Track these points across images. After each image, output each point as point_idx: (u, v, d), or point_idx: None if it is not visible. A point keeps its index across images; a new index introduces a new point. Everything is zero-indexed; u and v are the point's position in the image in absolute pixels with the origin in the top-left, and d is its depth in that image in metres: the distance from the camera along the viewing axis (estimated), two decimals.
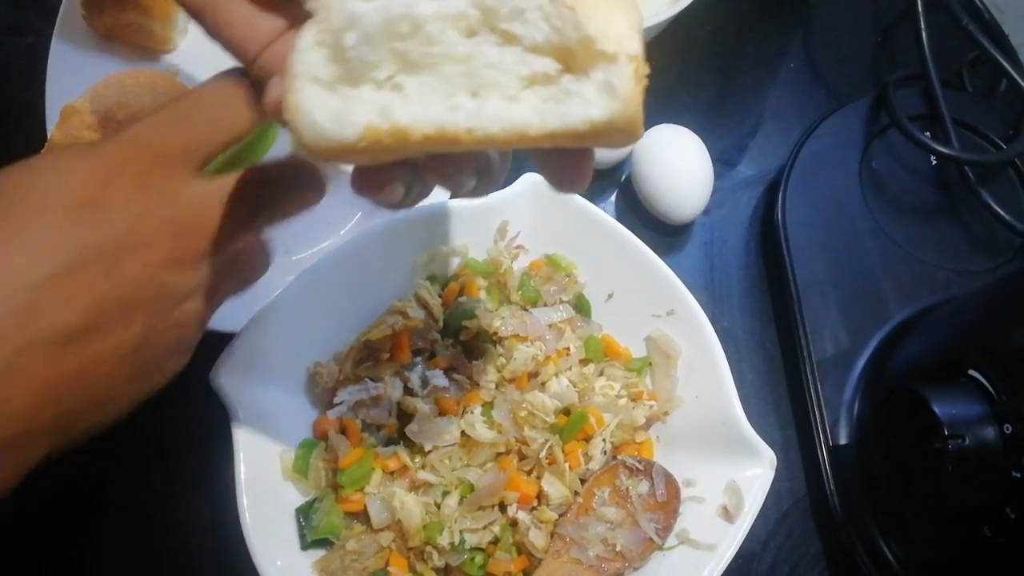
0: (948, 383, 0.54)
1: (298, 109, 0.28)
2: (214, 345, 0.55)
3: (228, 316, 0.62)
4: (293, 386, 0.59)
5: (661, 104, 0.78)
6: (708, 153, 0.72)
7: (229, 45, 0.38)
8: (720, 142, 0.77)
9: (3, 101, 0.76)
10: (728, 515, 0.55)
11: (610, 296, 0.64)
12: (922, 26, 0.73)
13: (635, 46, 0.27)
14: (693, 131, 0.72)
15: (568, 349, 0.62)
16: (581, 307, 0.64)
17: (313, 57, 0.28)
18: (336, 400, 0.58)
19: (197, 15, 0.38)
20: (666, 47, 0.82)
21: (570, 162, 0.33)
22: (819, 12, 0.88)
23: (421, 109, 0.28)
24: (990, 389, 0.52)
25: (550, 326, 0.61)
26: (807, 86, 0.84)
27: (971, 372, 0.53)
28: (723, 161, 0.78)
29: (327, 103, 0.28)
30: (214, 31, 0.38)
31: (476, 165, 0.36)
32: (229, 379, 0.54)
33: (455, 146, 0.28)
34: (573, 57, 0.28)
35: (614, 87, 0.26)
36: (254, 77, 0.38)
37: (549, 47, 0.28)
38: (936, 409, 0.51)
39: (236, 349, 0.55)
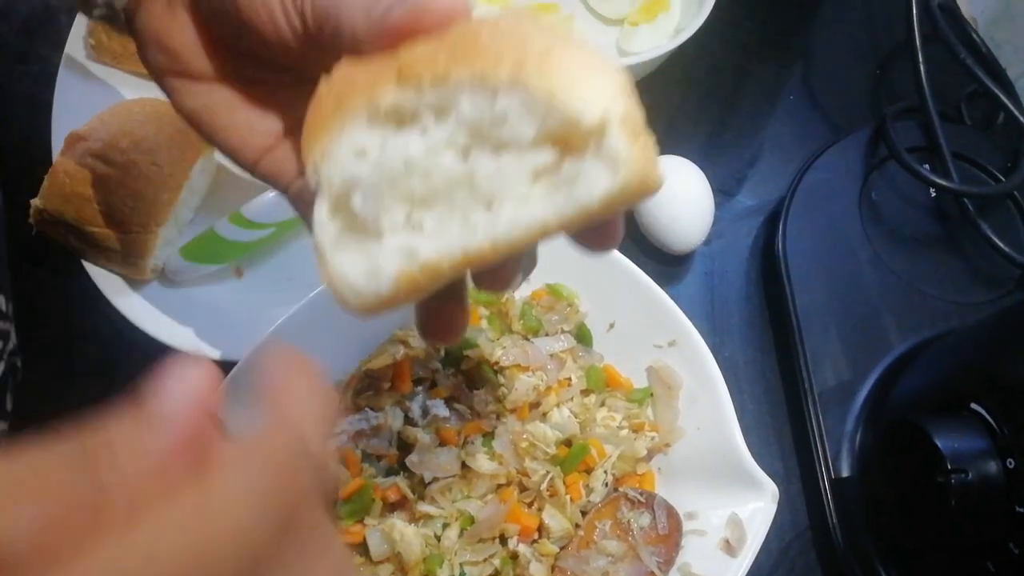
0: (950, 416, 0.53)
1: (333, 277, 0.29)
2: None
3: (228, 344, 0.62)
4: None
5: (662, 135, 0.78)
6: (709, 184, 0.72)
7: (227, 151, 0.38)
8: (720, 173, 0.78)
9: (10, 128, 0.76)
10: (730, 548, 0.55)
11: (611, 326, 0.64)
12: (920, 59, 0.74)
13: (620, 106, 0.26)
14: (693, 162, 0.73)
15: (569, 379, 0.61)
16: (582, 337, 0.64)
17: (331, 227, 0.29)
18: (336, 430, 0.58)
19: (194, 122, 0.38)
20: (667, 79, 0.83)
21: (599, 227, 0.32)
22: (818, 45, 0.89)
23: (441, 241, 0.28)
24: (992, 423, 0.52)
25: (551, 356, 0.61)
26: (807, 118, 0.85)
27: (973, 406, 0.53)
28: (723, 191, 0.79)
29: (357, 264, 0.28)
30: (211, 138, 0.38)
31: (521, 263, 0.35)
32: (230, 408, 0.53)
33: (488, 262, 0.28)
34: (568, 137, 0.27)
35: (614, 156, 0.26)
36: (259, 178, 0.38)
37: (542, 137, 0.27)
38: (938, 443, 0.51)
39: (236, 378, 0.55)
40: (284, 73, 0.37)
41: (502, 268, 0.34)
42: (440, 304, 0.36)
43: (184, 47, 0.37)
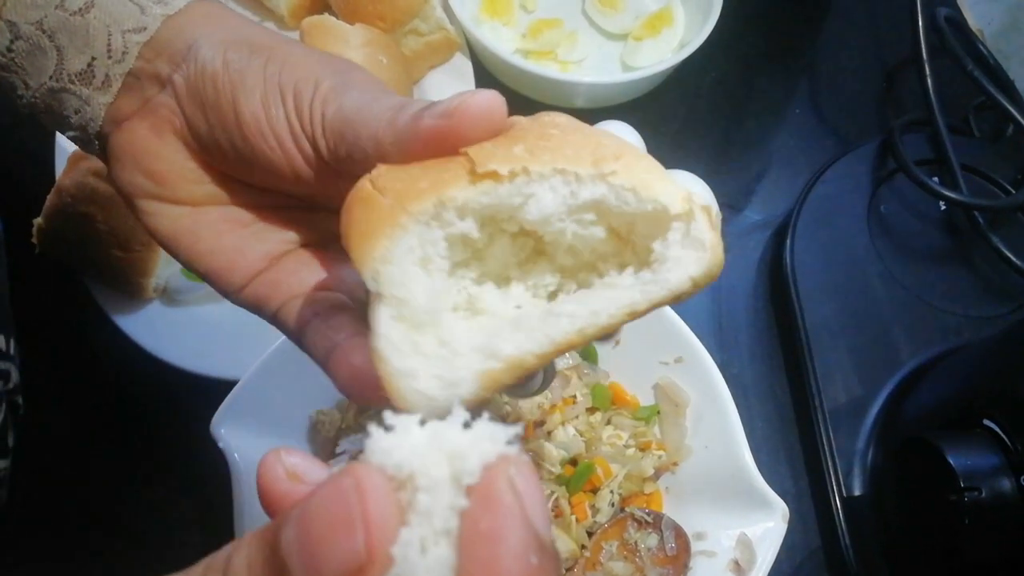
0: (962, 433, 0.52)
1: (404, 390, 0.26)
2: (215, 393, 0.55)
3: (230, 363, 0.61)
4: (294, 435, 0.58)
5: (668, 150, 0.78)
6: (715, 198, 0.71)
7: (209, 275, 0.35)
8: (727, 187, 0.77)
9: (14, 147, 0.76)
10: (740, 570, 0.54)
11: (617, 343, 0.63)
12: (927, 72, 0.74)
13: (700, 198, 0.28)
14: (700, 176, 0.72)
15: (575, 397, 0.61)
16: (588, 354, 0.63)
17: (395, 333, 0.27)
18: (338, 449, 0.57)
19: (170, 246, 0.35)
20: (672, 93, 0.82)
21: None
22: (825, 58, 0.89)
23: (524, 335, 0.27)
24: (1006, 440, 0.51)
25: (556, 373, 0.61)
26: (813, 131, 0.84)
27: (986, 422, 0.52)
28: (730, 206, 0.78)
29: (428, 371, 0.26)
30: (191, 262, 0.35)
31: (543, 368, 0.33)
32: (230, 428, 0.53)
33: (571, 349, 0.27)
34: (629, 235, 0.28)
35: (700, 240, 0.27)
36: (242, 305, 0.35)
37: (612, 233, 0.28)
38: (951, 460, 0.50)
39: (237, 397, 0.54)
40: (280, 196, 0.35)
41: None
42: None
43: (172, 172, 0.34)
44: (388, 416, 0.23)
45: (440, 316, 0.27)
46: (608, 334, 0.28)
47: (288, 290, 0.34)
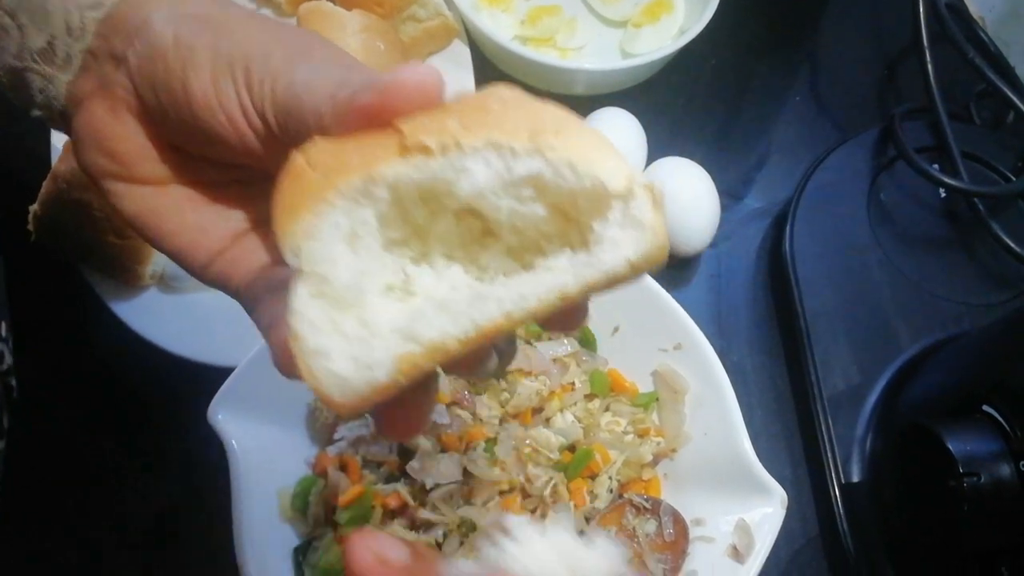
0: (962, 419, 0.52)
1: (316, 372, 0.25)
2: (213, 380, 0.55)
3: (227, 350, 0.61)
4: (292, 421, 0.58)
5: (667, 137, 0.78)
6: (714, 186, 0.71)
7: (174, 254, 0.35)
8: (726, 175, 0.77)
9: (11, 135, 0.76)
10: (738, 555, 0.54)
11: (616, 330, 0.63)
12: (928, 59, 0.73)
13: (642, 176, 0.26)
14: (699, 164, 0.72)
15: (573, 384, 0.61)
16: (586, 341, 0.63)
17: (313, 311, 0.26)
18: (336, 436, 0.57)
19: (137, 226, 0.35)
20: (672, 80, 0.82)
21: (567, 311, 0.30)
22: (825, 45, 0.88)
23: (449, 316, 0.26)
24: (1005, 425, 0.50)
25: (555, 360, 0.60)
26: (813, 119, 0.84)
27: (985, 408, 0.52)
28: (730, 194, 0.78)
29: (344, 351, 0.25)
30: (156, 242, 0.35)
31: (496, 346, 0.32)
32: (227, 415, 0.53)
33: (497, 336, 0.26)
34: (574, 214, 0.27)
35: (639, 220, 0.26)
36: (207, 283, 0.35)
37: (553, 210, 0.27)
38: (950, 446, 0.50)
39: (235, 384, 0.54)
40: (239, 170, 0.34)
41: (476, 353, 0.30)
42: (404, 396, 0.30)
43: (130, 152, 0.34)
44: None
45: (364, 296, 0.26)
46: (546, 318, 0.27)
47: (247, 268, 0.34)
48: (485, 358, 0.32)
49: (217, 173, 0.35)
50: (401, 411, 0.31)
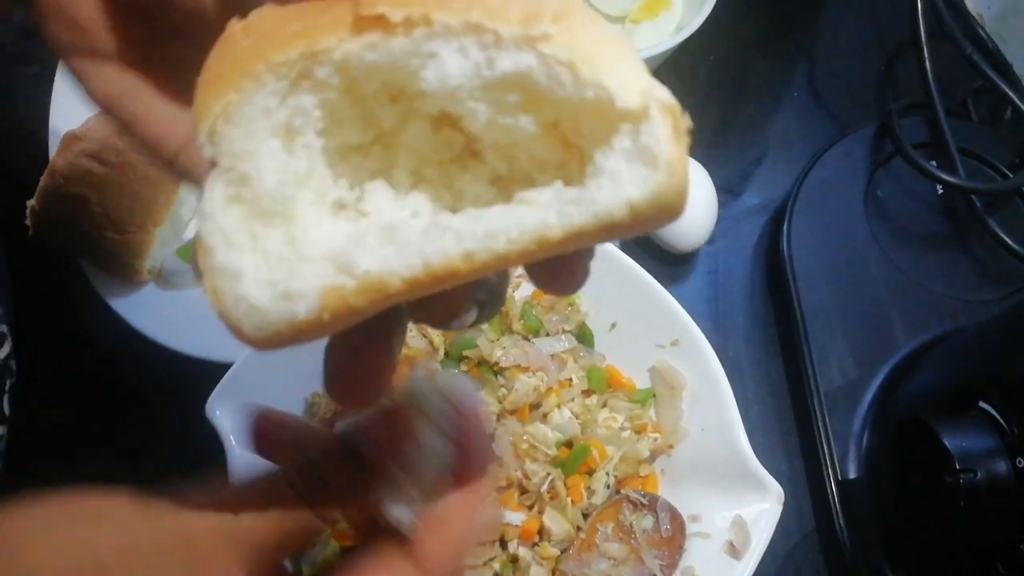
0: (958, 415, 0.52)
1: (224, 294, 0.20)
2: (211, 375, 0.55)
3: (225, 346, 0.61)
4: None
5: None
6: (712, 182, 0.71)
7: (146, 143, 0.33)
8: (724, 171, 0.77)
9: (8, 128, 0.76)
10: (735, 551, 0.54)
11: (613, 326, 0.63)
12: (925, 55, 0.73)
13: (665, 93, 0.20)
14: (697, 160, 0.72)
15: (570, 380, 0.61)
16: (584, 337, 0.63)
17: (228, 218, 0.21)
18: (334, 431, 0.57)
19: (111, 110, 0.33)
20: (670, 76, 0.82)
21: (565, 263, 0.25)
22: (822, 41, 0.88)
23: (393, 248, 0.20)
24: (1001, 422, 0.51)
25: (552, 356, 0.61)
26: (811, 115, 0.84)
27: (981, 404, 0.52)
28: (727, 190, 0.78)
29: (261, 274, 0.20)
30: (130, 127, 0.33)
31: (474, 296, 0.28)
32: (225, 410, 0.53)
33: (452, 281, 0.21)
34: (573, 138, 0.22)
35: (652, 152, 0.20)
36: (178, 177, 0.34)
37: (545, 124, 0.21)
38: (947, 442, 0.50)
39: (232, 379, 0.54)
40: (206, 53, 0.34)
41: (449, 297, 0.26)
42: (359, 352, 0.27)
43: (91, 21, 0.32)
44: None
45: (295, 207, 0.21)
46: (514, 263, 0.21)
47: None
48: (458, 310, 0.27)
49: (184, 51, 0.32)
50: (353, 370, 0.27)
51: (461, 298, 0.27)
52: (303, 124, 0.21)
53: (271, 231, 0.21)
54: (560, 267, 0.25)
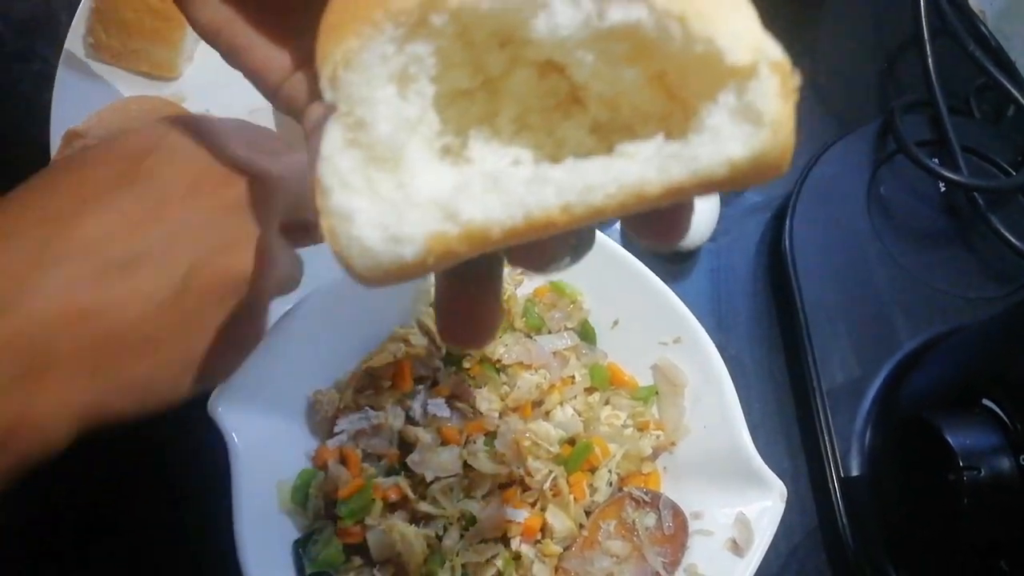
0: (962, 413, 0.52)
1: (338, 234, 0.21)
2: None
3: None
4: (293, 414, 0.58)
5: None
6: None
7: (249, 73, 0.34)
8: None
9: (8, 126, 0.76)
10: (737, 548, 0.54)
11: (615, 323, 0.63)
12: (928, 52, 0.73)
13: (776, 51, 0.21)
14: None
15: (573, 377, 0.61)
16: (586, 334, 0.63)
17: (345, 162, 0.22)
18: (336, 429, 0.57)
19: (212, 39, 0.34)
20: None
21: (664, 217, 0.26)
22: (825, 38, 0.88)
23: (496, 198, 0.21)
24: (1005, 419, 0.51)
25: (554, 354, 0.60)
26: (813, 112, 0.83)
27: (985, 401, 0.52)
28: None
29: (374, 217, 0.21)
30: (232, 57, 0.34)
31: (568, 241, 0.28)
32: (227, 407, 0.53)
33: (549, 231, 0.21)
34: (680, 92, 0.22)
35: (757, 110, 0.20)
36: (281, 108, 0.34)
37: (652, 78, 0.22)
38: (950, 439, 0.50)
39: (235, 376, 0.54)
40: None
41: (546, 244, 0.26)
42: (469, 299, 0.29)
43: None
44: None
45: (406, 152, 0.22)
46: (612, 215, 0.21)
47: (313, 89, 0.32)
48: (554, 255, 0.28)
49: None
50: (466, 318, 0.29)
51: (557, 245, 0.27)
52: (417, 71, 0.22)
53: (383, 175, 0.22)
54: (659, 221, 0.26)
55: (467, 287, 0.28)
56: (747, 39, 0.20)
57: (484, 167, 0.22)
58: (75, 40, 0.73)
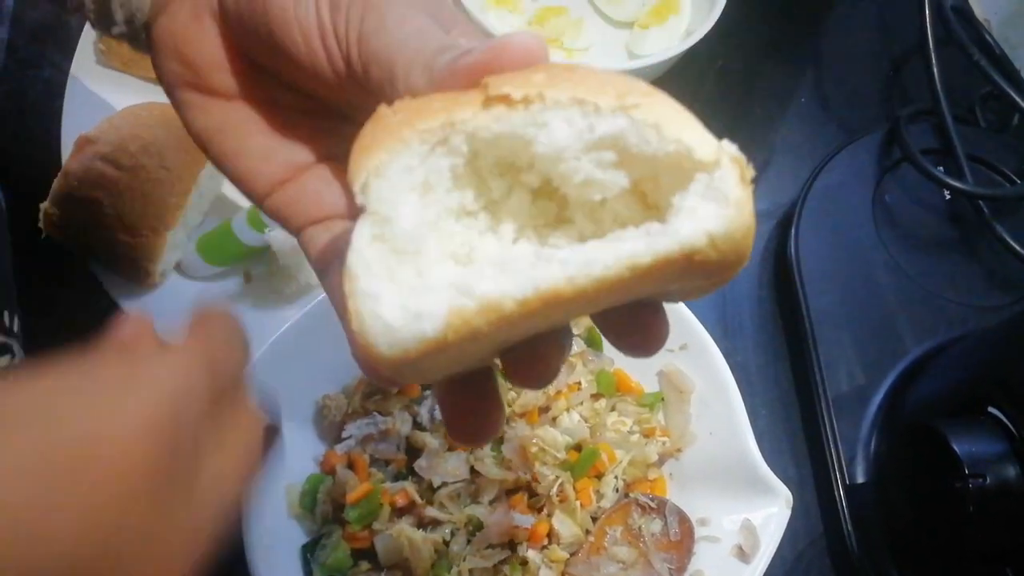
0: (967, 420, 0.53)
1: (364, 313, 0.24)
2: None
3: None
4: (301, 419, 0.58)
5: None
6: None
7: (236, 179, 0.35)
8: None
9: (20, 132, 0.76)
10: (743, 555, 0.54)
11: None
12: (933, 61, 0.73)
13: (732, 148, 0.24)
14: None
15: (579, 383, 0.61)
16: (592, 341, 0.63)
17: (371, 255, 0.24)
18: (344, 434, 0.58)
19: (204, 144, 0.35)
20: (677, 82, 0.82)
21: (640, 318, 0.29)
22: (830, 47, 0.88)
23: (507, 275, 0.23)
24: (1010, 427, 0.51)
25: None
26: (818, 121, 0.84)
27: (990, 409, 0.52)
28: None
29: (395, 298, 0.24)
30: (221, 162, 0.35)
31: (560, 343, 0.29)
32: None
33: (556, 307, 0.24)
34: (653, 197, 0.26)
35: (724, 193, 0.23)
36: (268, 215, 0.35)
37: (635, 175, 0.25)
38: (956, 447, 0.50)
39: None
40: (312, 100, 0.34)
41: (543, 347, 0.28)
42: (471, 400, 0.30)
43: (205, 60, 0.34)
44: None
45: (424, 247, 0.25)
46: (607, 294, 0.24)
47: (307, 213, 0.34)
48: (549, 361, 0.29)
49: (290, 98, 0.34)
50: (470, 417, 0.30)
51: (551, 347, 0.29)
52: (436, 182, 0.26)
53: (404, 266, 0.25)
54: (638, 330, 0.29)
55: (468, 399, 0.30)
56: (709, 141, 0.24)
57: (493, 257, 0.25)
58: (86, 47, 0.74)
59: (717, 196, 0.24)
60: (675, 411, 0.61)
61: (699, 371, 0.60)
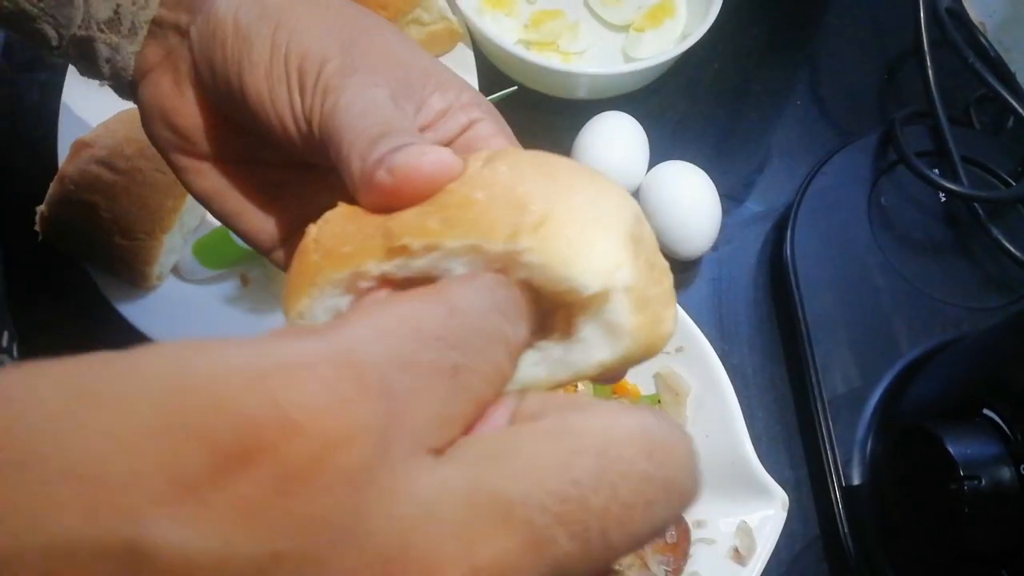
0: (962, 422, 0.53)
1: None
2: None
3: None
4: None
5: (669, 141, 0.79)
6: (716, 189, 0.72)
7: (243, 236, 0.36)
8: (727, 178, 0.77)
9: (17, 136, 0.76)
10: (740, 557, 0.54)
11: None
12: (928, 63, 0.74)
13: (625, 274, 0.24)
14: (700, 167, 0.72)
15: (576, 386, 0.61)
16: None
17: None
18: None
19: (207, 204, 0.36)
20: (673, 85, 0.83)
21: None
22: (825, 49, 0.89)
23: None
24: (1005, 429, 0.51)
25: None
26: (814, 123, 0.84)
27: (985, 411, 0.52)
28: (731, 197, 0.78)
29: None
30: (224, 221, 0.36)
31: None
32: None
33: None
34: (560, 305, 0.26)
35: (615, 325, 0.24)
36: (275, 266, 0.36)
37: (533, 306, 0.26)
38: (951, 449, 0.50)
39: None
40: (298, 162, 0.34)
41: None
42: None
43: (192, 127, 0.34)
44: None
45: None
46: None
47: None
48: None
49: (281, 156, 0.35)
50: None
51: None
52: None
53: None
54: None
55: None
56: (605, 267, 0.24)
57: None
58: None
59: (608, 329, 0.24)
60: (671, 413, 0.61)
61: (695, 373, 0.60)
